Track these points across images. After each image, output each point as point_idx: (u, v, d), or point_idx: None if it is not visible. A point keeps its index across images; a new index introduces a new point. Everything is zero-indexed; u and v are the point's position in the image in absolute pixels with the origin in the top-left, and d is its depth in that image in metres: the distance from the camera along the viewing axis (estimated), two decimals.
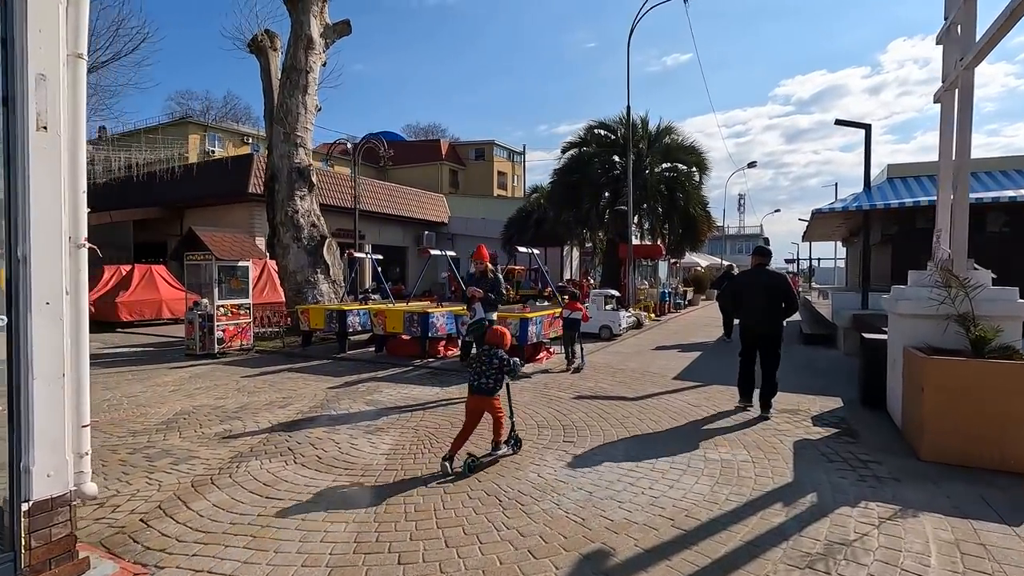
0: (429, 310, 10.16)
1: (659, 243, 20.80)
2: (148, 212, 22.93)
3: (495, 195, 51.46)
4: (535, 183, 42.22)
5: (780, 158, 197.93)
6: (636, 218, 20.00)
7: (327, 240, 13.20)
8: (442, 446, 4.91)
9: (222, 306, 10.81)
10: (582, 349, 9.15)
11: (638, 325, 15.01)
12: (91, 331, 9.52)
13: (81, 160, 2.79)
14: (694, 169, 20.40)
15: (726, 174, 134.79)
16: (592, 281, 23.44)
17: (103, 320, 16.11)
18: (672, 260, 23.90)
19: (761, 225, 66.23)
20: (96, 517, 3.67)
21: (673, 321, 18.19)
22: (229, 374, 8.85)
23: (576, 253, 30.17)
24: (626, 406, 6.57)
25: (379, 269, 13.80)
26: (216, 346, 10.62)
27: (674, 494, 3.95)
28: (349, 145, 57.17)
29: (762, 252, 6.57)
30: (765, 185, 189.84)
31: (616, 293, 13.80)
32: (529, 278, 23.35)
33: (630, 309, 15.76)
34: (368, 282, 26.06)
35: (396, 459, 4.74)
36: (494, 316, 7.01)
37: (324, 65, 14.08)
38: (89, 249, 2.87)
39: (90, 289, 17.40)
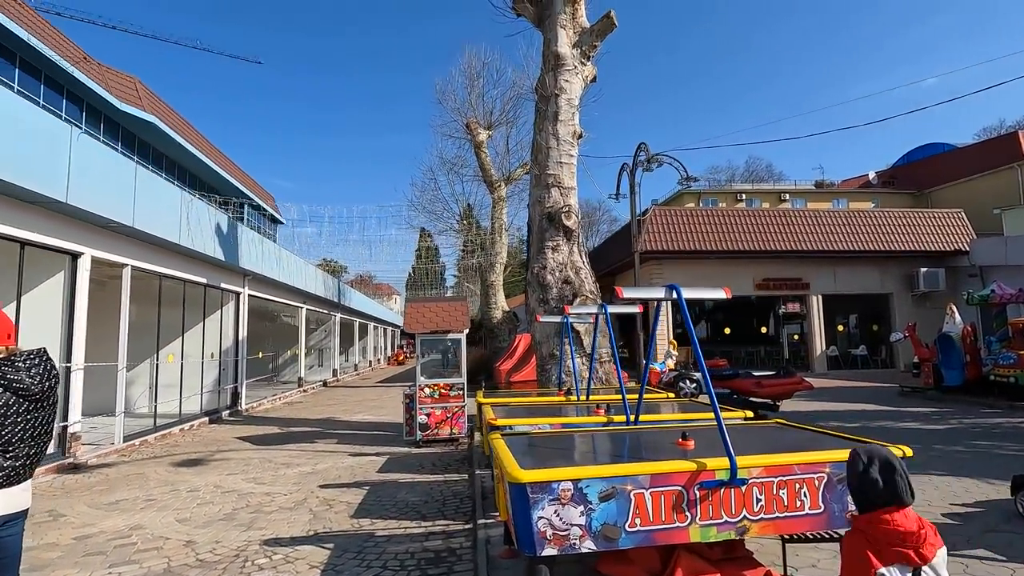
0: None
1: None
2: None
3: None
4: None
5: None
6: None
7: (579, 300, 9.83)
8: None
9: (427, 386, 9.40)
10: None
11: None
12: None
13: None
14: None
15: None
16: None
17: (498, 385, 17.51)
18: None
19: None
20: None
21: None
22: (346, 473, 7.24)
23: None
24: None
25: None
26: (419, 432, 9.22)
27: None
28: (871, 175, 46.77)
29: None
30: None
31: None
32: None
33: None
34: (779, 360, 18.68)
35: None
36: None
37: (594, 81, 11.16)
38: None
39: (510, 356, 19.77)
